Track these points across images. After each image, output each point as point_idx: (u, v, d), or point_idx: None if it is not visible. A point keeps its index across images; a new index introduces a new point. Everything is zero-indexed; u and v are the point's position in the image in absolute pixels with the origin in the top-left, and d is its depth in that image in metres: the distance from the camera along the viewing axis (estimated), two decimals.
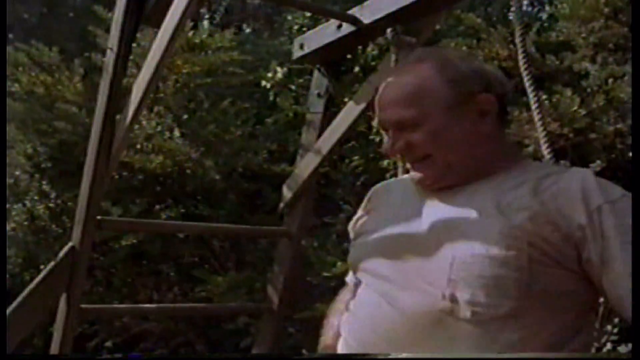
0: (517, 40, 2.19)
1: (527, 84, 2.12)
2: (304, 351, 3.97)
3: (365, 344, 1.32)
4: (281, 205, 3.53)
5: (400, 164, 2.44)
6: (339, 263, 3.58)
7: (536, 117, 2.09)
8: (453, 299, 1.22)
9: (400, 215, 1.41)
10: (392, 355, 1.29)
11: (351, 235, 1.60)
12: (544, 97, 3.57)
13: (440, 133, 1.34)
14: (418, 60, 1.44)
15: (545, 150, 2.08)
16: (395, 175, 3.33)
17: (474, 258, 1.21)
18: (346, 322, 1.43)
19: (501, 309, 1.20)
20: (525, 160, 1.44)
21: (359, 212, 1.60)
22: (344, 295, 1.62)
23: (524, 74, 2.12)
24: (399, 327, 1.26)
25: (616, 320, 3.00)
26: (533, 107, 2.10)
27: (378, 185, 1.64)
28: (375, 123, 1.49)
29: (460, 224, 1.28)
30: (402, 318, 1.26)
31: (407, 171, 1.49)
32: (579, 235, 1.22)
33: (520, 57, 2.16)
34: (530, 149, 3.52)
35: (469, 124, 1.36)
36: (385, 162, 4.05)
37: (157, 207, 4.33)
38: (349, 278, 1.64)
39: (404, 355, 1.27)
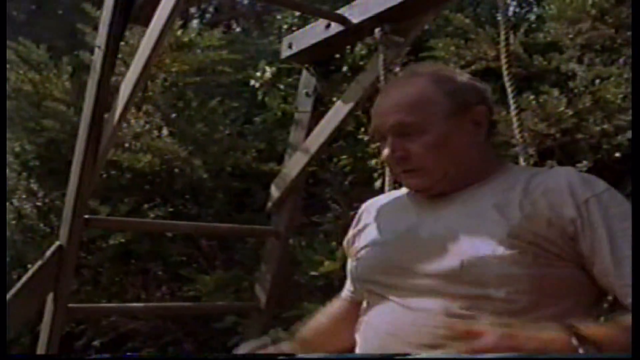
0: (501, 40, 2.22)
1: (507, 85, 2.15)
2: None
3: (384, 348, 1.34)
4: (269, 204, 3.53)
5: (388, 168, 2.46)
6: (327, 262, 3.59)
7: (514, 118, 2.12)
8: (470, 296, 1.26)
9: (400, 226, 1.45)
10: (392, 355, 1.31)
11: (348, 251, 1.62)
12: (531, 97, 3.59)
13: (440, 145, 1.38)
14: (413, 74, 1.51)
15: (521, 151, 2.12)
16: (383, 175, 3.34)
17: (483, 259, 1.26)
18: (362, 332, 1.45)
19: (518, 304, 1.25)
20: (509, 164, 1.49)
21: (353, 230, 1.62)
22: (335, 302, 1.68)
23: (505, 74, 2.15)
24: (419, 328, 1.29)
25: (601, 319, 3.02)
26: (512, 107, 2.13)
27: (368, 202, 1.67)
28: (371, 132, 1.51)
29: (462, 228, 1.31)
30: (422, 319, 1.29)
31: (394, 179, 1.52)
32: (572, 229, 1.27)
33: (502, 57, 2.19)
34: (518, 149, 3.54)
35: (465, 135, 1.41)
36: (373, 162, 4.06)
37: (146, 206, 4.32)
38: (344, 293, 1.66)
39: (411, 355, 1.28)
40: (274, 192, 3.48)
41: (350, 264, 1.63)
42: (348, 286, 1.66)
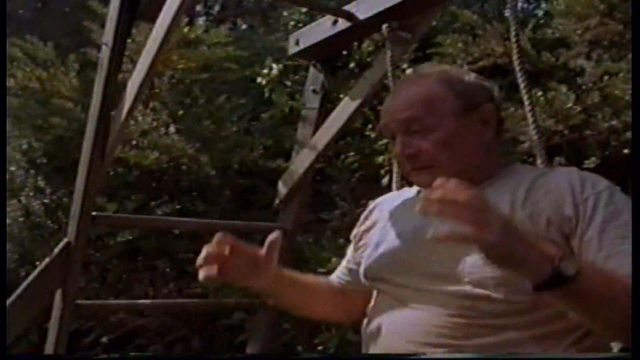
0: (512, 37, 2.20)
1: (520, 81, 2.13)
2: (299, 348, 3.98)
3: (388, 347, 1.36)
4: (276, 201, 3.53)
5: (395, 164, 2.46)
6: (334, 259, 3.58)
7: (529, 115, 2.11)
8: (470, 296, 1.27)
9: (407, 226, 1.46)
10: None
11: (354, 245, 1.63)
12: (539, 93, 3.58)
13: (449, 142, 1.39)
14: (421, 74, 1.53)
15: (537, 148, 2.10)
16: (390, 172, 3.34)
17: (483, 261, 1.23)
18: (368, 329, 1.47)
19: (517, 305, 1.25)
20: (516, 164, 1.52)
21: (361, 226, 1.63)
22: (324, 279, 1.73)
23: (518, 70, 2.14)
24: (420, 327, 1.31)
25: None
26: (526, 104, 2.12)
27: (378, 199, 1.68)
28: (380, 129, 1.54)
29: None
30: (424, 318, 1.31)
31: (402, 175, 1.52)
32: (568, 226, 1.28)
33: (514, 53, 2.17)
34: (526, 145, 3.53)
35: (474, 133, 1.42)
36: (380, 159, 4.05)
37: (153, 203, 4.32)
38: (335, 279, 1.67)
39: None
40: (281, 189, 3.48)
41: (350, 254, 1.66)
42: (340, 273, 1.68)
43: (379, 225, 1.56)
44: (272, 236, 1.45)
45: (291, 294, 1.63)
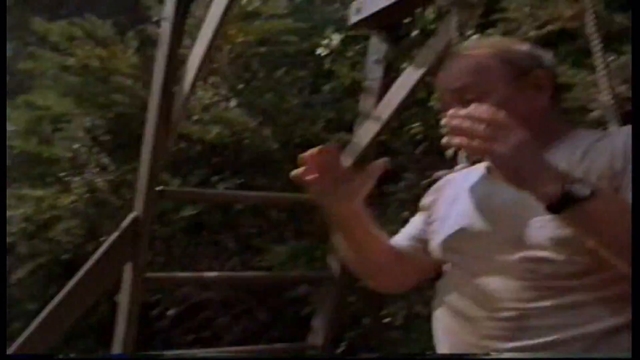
0: None
1: (592, 45, 2.04)
2: (363, 320, 3.97)
3: (457, 312, 1.39)
4: None
5: None
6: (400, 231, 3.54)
7: (603, 81, 2.02)
8: (532, 260, 1.29)
9: (475, 196, 1.48)
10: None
11: (426, 218, 1.63)
12: (611, 58, 3.43)
13: (503, 109, 1.37)
14: (470, 47, 1.60)
15: (609, 116, 2.02)
16: None
17: (543, 222, 1.27)
18: (439, 300, 1.48)
19: (578, 266, 1.26)
20: (577, 130, 1.50)
21: (431, 197, 1.64)
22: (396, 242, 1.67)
23: (591, 34, 2.05)
24: (489, 294, 1.33)
25: None
26: (600, 70, 2.03)
27: (450, 175, 1.71)
28: (438, 100, 1.58)
29: (527, 195, 1.29)
30: (492, 286, 1.33)
31: None
32: (617, 182, 1.27)
33: (587, 16, 2.08)
34: (596, 113, 3.41)
35: (527, 98, 1.43)
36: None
37: (216, 177, 4.34)
38: (402, 242, 1.64)
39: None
40: (344, 162, 3.43)
41: (416, 223, 1.65)
42: (401, 238, 1.66)
43: (449, 200, 1.57)
44: (380, 162, 1.47)
45: (358, 237, 1.59)
